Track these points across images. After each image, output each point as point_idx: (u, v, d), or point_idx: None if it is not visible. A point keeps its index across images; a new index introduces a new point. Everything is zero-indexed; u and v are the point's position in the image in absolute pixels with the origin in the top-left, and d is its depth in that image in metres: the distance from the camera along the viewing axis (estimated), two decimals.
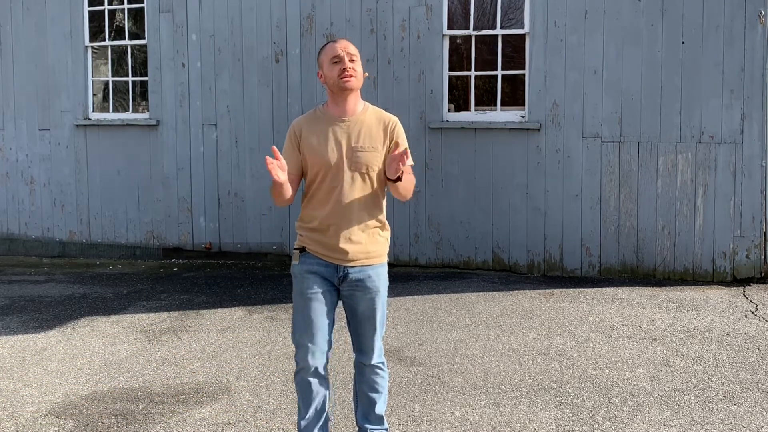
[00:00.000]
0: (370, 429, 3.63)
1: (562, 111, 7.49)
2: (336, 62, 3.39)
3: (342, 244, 3.42)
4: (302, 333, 3.47)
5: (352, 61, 3.39)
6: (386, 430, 3.68)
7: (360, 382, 3.64)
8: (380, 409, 3.63)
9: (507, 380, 4.79)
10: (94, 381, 4.92)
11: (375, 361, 3.58)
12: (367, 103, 3.54)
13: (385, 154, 3.44)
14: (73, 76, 9.13)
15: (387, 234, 3.57)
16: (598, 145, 7.41)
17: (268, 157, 3.20)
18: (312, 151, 3.43)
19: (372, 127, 3.46)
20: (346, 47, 3.42)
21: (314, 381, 3.52)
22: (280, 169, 3.26)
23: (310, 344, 3.46)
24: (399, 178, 3.33)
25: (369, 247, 3.46)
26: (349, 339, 5.80)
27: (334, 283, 3.48)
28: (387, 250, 3.56)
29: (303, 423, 3.57)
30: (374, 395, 3.61)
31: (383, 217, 3.53)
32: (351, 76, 3.38)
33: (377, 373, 3.60)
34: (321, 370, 3.51)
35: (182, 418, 4.31)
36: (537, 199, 7.61)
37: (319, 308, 3.45)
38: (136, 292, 7.30)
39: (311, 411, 3.55)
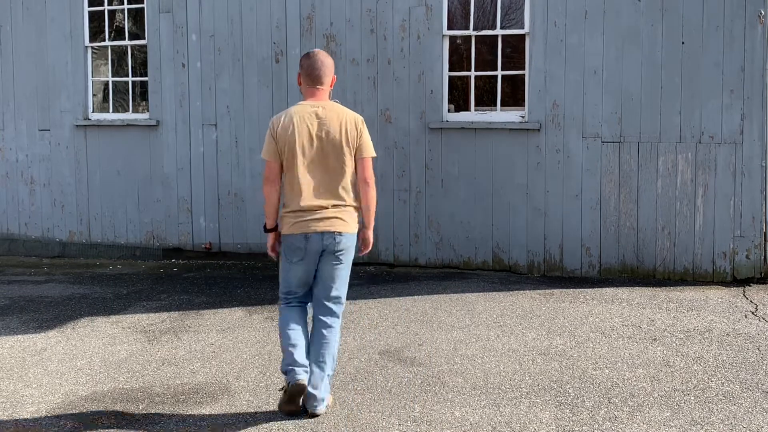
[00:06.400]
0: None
1: (562, 111, 7.48)
2: None
3: None
4: None
5: None
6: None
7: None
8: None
9: (507, 380, 4.79)
10: (94, 381, 4.92)
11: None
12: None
13: None
14: (73, 76, 9.13)
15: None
16: (598, 145, 7.41)
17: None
18: None
19: None
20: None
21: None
22: None
23: None
24: None
25: None
26: (346, 338, 5.79)
27: None
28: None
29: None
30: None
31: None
32: None
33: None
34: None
35: (182, 418, 4.31)
36: (537, 199, 7.61)
37: None
38: (136, 293, 7.30)
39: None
